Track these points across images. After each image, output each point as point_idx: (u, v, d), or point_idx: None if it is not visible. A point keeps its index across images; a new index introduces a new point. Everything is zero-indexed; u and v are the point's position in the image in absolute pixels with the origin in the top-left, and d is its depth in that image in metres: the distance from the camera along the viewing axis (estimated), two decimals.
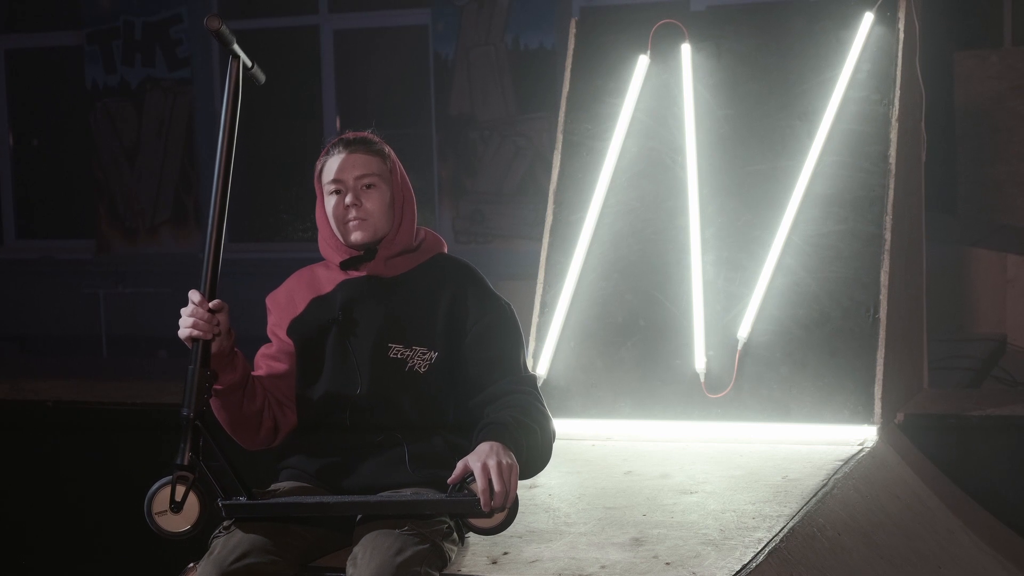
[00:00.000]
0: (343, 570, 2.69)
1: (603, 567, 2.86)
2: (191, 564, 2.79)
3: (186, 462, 2.73)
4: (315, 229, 3.00)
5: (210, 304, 2.79)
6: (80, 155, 10.06)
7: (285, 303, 3.01)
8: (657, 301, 4.47)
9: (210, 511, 2.72)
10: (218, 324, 2.77)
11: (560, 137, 4.79)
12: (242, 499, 2.72)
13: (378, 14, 9.44)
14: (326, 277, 3.00)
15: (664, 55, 4.70)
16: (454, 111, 9.00)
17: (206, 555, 2.71)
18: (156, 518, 2.71)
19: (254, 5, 9.85)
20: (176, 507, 2.71)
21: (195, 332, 2.77)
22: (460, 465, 2.65)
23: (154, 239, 9.81)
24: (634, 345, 4.44)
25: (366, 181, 2.91)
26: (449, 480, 2.66)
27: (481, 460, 2.62)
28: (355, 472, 2.86)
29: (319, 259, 3.09)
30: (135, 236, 9.86)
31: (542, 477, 3.69)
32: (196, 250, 9.68)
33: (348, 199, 2.91)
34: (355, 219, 2.91)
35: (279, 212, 9.99)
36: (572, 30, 4.91)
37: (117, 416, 5.25)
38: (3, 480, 5.44)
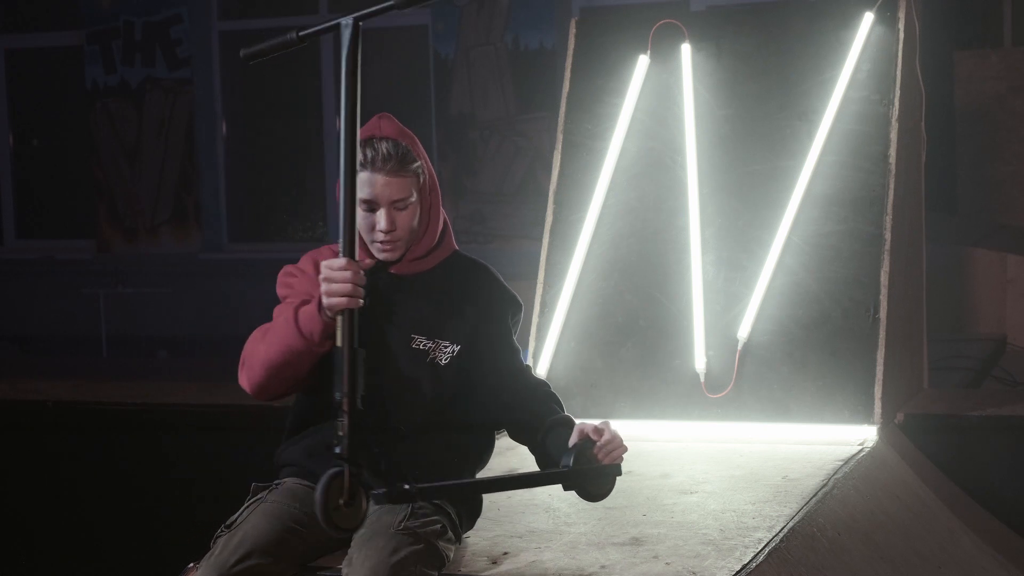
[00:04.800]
0: (340, 570, 2.69)
1: (603, 567, 2.86)
2: (191, 564, 2.78)
3: (348, 452, 2.51)
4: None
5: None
6: (80, 155, 10.06)
7: (315, 273, 2.85)
8: (657, 301, 4.47)
9: (370, 503, 2.55)
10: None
11: (560, 137, 4.79)
12: (384, 489, 2.56)
13: None
14: None
15: (664, 55, 4.70)
16: (454, 111, 9.00)
17: (207, 555, 2.71)
18: (332, 515, 2.49)
19: (254, 5, 9.85)
20: (349, 502, 2.51)
21: (354, 302, 2.57)
22: (576, 431, 2.81)
23: (154, 239, 9.81)
24: (634, 345, 4.44)
25: (400, 205, 2.83)
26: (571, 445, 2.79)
27: (594, 425, 2.81)
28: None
29: None
30: (135, 236, 9.86)
31: None
32: (196, 250, 9.68)
33: (382, 223, 2.82)
34: (386, 242, 2.85)
35: (280, 212, 9.99)
36: (572, 30, 4.91)
37: (117, 416, 5.25)
38: (3, 480, 5.44)
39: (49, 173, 10.49)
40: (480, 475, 3.04)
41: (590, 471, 2.80)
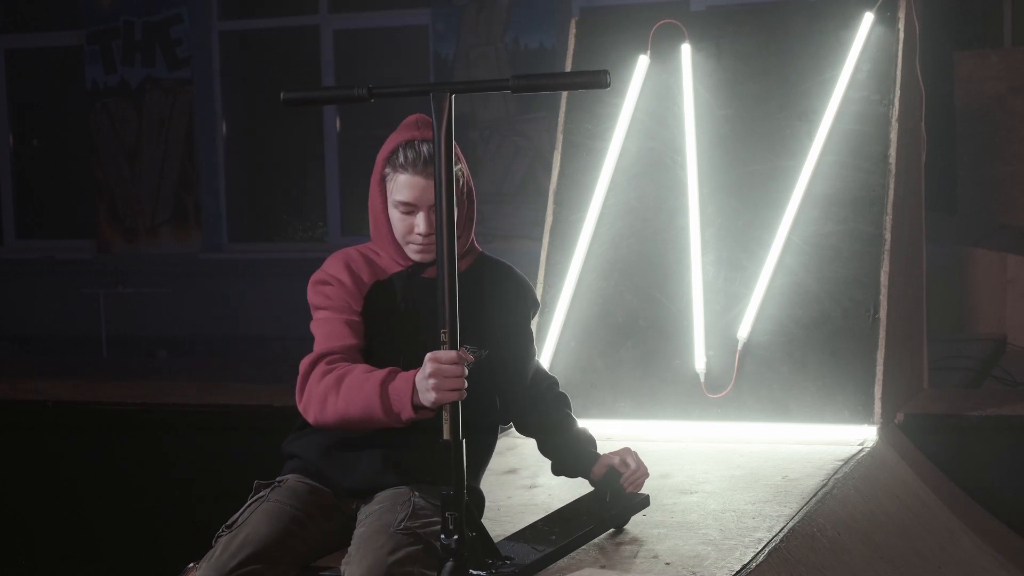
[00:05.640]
0: (341, 570, 2.69)
1: (603, 567, 2.86)
2: (191, 564, 2.78)
3: (457, 545, 2.54)
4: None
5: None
6: (80, 155, 10.06)
7: (352, 281, 2.87)
8: (657, 301, 4.47)
9: None
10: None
11: (560, 137, 4.79)
12: (484, 574, 2.66)
13: (378, 14, 9.44)
14: (381, 262, 2.92)
15: (664, 55, 4.70)
16: (454, 111, 8.99)
17: (208, 555, 2.70)
18: None
19: (254, 5, 9.85)
20: None
21: (462, 395, 2.56)
22: (603, 465, 3.08)
23: (154, 239, 9.81)
24: (634, 345, 4.44)
25: None
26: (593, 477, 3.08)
27: (619, 455, 3.09)
28: (354, 470, 2.86)
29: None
30: (135, 236, 9.86)
31: (542, 477, 3.70)
32: (196, 250, 9.68)
33: (421, 226, 2.80)
34: (424, 244, 2.83)
35: (280, 212, 9.99)
36: (572, 30, 4.91)
37: (117, 416, 5.25)
38: (3, 480, 5.45)
39: (49, 173, 10.49)
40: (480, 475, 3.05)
41: (628, 508, 3.09)
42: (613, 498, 3.05)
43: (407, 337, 2.83)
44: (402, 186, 2.82)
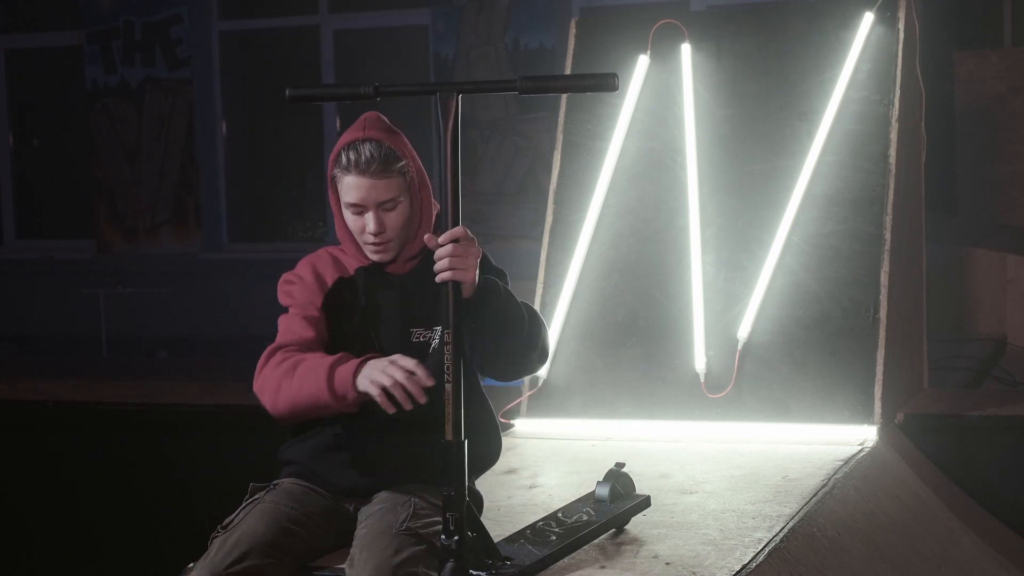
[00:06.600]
0: (341, 571, 2.69)
1: (603, 567, 2.86)
2: (191, 565, 2.78)
3: (457, 546, 2.56)
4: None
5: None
6: (80, 155, 10.06)
7: (314, 279, 2.93)
8: (657, 301, 4.47)
9: None
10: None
11: (560, 137, 4.79)
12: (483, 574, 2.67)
13: (378, 14, 9.44)
14: (345, 260, 2.97)
15: (664, 55, 4.70)
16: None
17: (203, 556, 2.71)
18: None
19: (254, 5, 9.85)
20: None
21: (397, 406, 2.66)
22: (428, 237, 2.66)
23: (154, 239, 9.81)
24: (634, 345, 4.44)
25: (388, 205, 2.85)
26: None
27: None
28: (351, 471, 2.86)
29: None
30: (135, 236, 9.86)
31: (542, 477, 3.70)
32: (196, 250, 9.68)
33: (371, 225, 2.84)
34: (377, 243, 2.87)
35: (280, 212, 9.99)
36: (572, 30, 4.91)
37: (117, 416, 5.25)
38: (3, 480, 5.45)
39: (49, 173, 10.49)
40: (482, 476, 3.05)
41: (628, 509, 3.07)
42: (614, 499, 3.05)
43: (369, 330, 2.88)
44: (348, 188, 2.85)
